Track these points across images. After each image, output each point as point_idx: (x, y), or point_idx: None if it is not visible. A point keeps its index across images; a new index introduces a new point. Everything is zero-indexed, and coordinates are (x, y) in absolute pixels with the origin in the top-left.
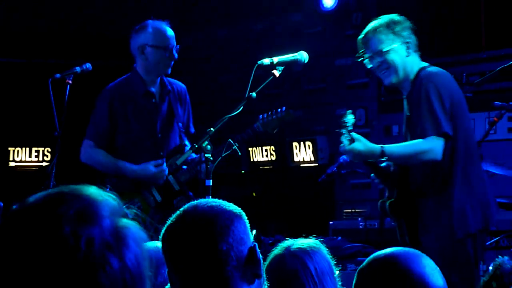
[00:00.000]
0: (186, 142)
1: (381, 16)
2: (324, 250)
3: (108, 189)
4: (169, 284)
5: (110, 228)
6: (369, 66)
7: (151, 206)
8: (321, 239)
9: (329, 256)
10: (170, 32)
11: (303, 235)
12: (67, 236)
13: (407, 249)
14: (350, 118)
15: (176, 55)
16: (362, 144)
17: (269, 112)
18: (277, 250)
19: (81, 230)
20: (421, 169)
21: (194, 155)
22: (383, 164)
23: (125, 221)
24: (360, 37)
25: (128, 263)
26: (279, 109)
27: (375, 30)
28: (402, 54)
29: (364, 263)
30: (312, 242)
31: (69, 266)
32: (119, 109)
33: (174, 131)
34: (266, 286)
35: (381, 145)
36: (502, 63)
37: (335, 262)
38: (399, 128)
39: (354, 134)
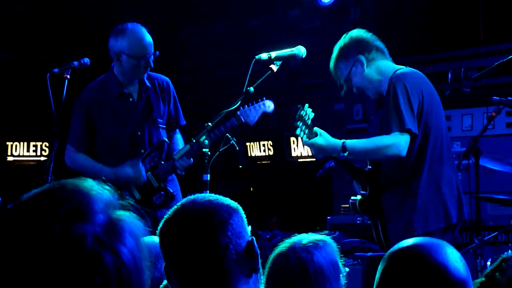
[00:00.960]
0: (181, 136)
1: (335, 46)
2: (330, 247)
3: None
4: (165, 280)
5: (103, 223)
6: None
7: None
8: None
9: (336, 254)
10: (147, 40)
11: (305, 232)
12: (57, 234)
13: (430, 239)
14: (308, 112)
15: (152, 64)
16: (323, 138)
17: (249, 103)
18: (282, 246)
19: (72, 228)
20: (390, 165)
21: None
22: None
23: (120, 213)
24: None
25: (123, 258)
26: (259, 100)
27: (332, 67)
28: (359, 72)
29: (388, 255)
30: (320, 239)
31: (60, 265)
32: (96, 112)
33: (155, 128)
34: (263, 279)
35: (343, 140)
36: (500, 58)
37: (343, 261)
38: None
39: (316, 129)
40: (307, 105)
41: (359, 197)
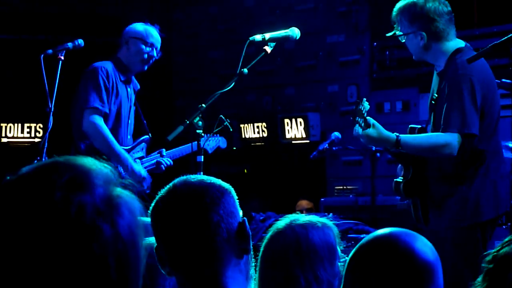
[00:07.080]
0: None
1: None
2: (329, 230)
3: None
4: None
5: (102, 196)
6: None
7: None
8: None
9: (334, 239)
10: (157, 35)
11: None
12: (57, 202)
13: (397, 228)
14: (366, 105)
15: (155, 56)
16: (376, 131)
17: (212, 135)
18: (281, 222)
19: (72, 197)
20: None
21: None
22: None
23: (119, 190)
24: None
25: (121, 231)
26: (217, 135)
27: (395, 16)
28: (415, 43)
29: (356, 248)
30: (320, 220)
31: (59, 234)
32: (108, 87)
33: (139, 123)
34: (260, 256)
35: (396, 134)
36: (494, 40)
37: (342, 248)
38: (391, 105)
39: (370, 119)
40: (364, 99)
41: (401, 179)
